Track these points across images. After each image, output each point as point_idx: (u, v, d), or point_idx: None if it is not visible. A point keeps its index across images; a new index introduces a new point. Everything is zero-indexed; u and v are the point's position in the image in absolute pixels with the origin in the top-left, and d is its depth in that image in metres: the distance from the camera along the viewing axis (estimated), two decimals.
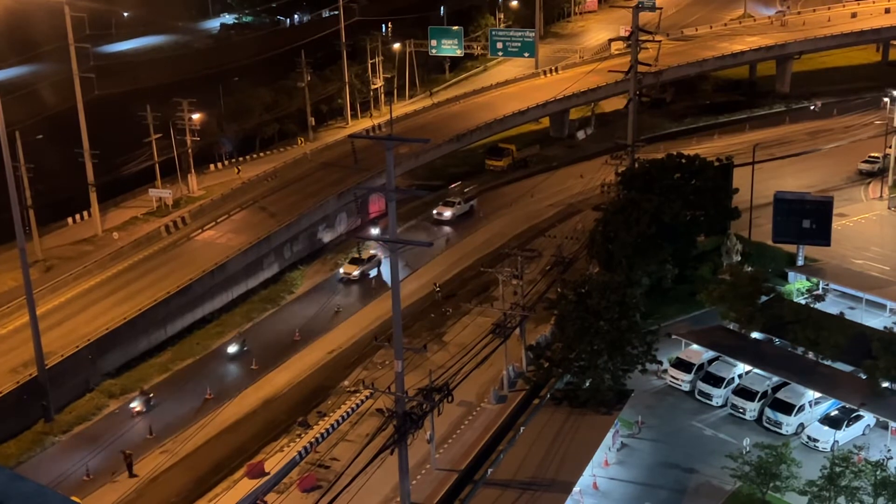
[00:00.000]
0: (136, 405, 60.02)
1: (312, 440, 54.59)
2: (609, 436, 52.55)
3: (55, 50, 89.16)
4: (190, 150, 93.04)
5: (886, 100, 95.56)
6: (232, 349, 66.43)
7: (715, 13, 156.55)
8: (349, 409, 57.35)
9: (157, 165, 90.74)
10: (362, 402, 57.35)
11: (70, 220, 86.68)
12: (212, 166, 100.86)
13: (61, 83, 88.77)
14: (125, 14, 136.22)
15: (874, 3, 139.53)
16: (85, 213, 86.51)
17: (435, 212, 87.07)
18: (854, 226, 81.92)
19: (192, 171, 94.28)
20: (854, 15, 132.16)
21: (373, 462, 41.12)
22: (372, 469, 41.23)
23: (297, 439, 55.06)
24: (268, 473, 51.74)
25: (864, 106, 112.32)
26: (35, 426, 58.34)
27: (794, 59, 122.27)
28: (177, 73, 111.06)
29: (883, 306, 66.75)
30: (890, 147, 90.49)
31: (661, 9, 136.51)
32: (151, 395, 60.83)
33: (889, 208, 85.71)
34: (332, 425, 55.99)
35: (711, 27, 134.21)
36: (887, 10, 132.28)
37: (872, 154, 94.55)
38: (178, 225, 79.76)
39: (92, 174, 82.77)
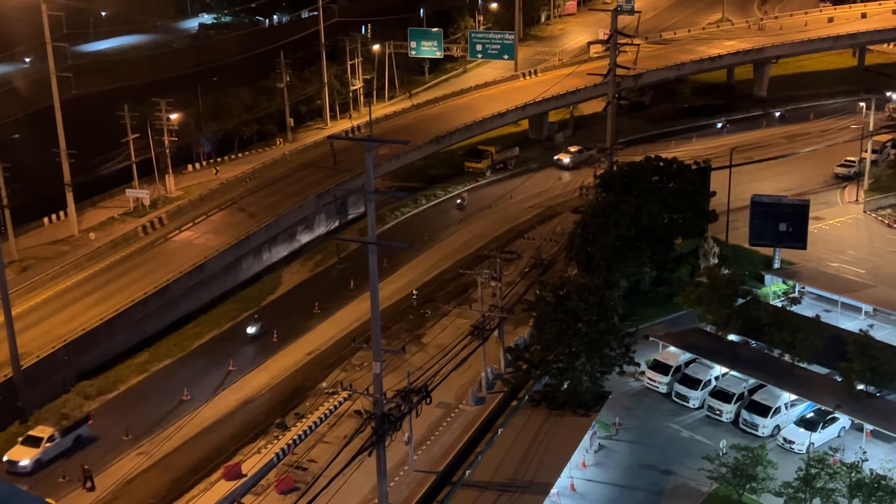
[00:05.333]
0: None
1: (290, 442, 54.47)
2: (587, 437, 52.69)
3: (32, 48, 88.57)
4: (168, 151, 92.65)
5: (862, 104, 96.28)
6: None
7: (693, 17, 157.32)
8: (327, 411, 57.27)
9: (134, 165, 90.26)
10: (340, 403, 57.28)
11: (46, 220, 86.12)
12: (190, 167, 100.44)
13: (38, 82, 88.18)
14: (103, 13, 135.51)
15: (850, 8, 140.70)
16: (61, 213, 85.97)
17: (5, 459, 54.44)
18: (830, 229, 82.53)
19: (170, 171, 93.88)
20: (831, 20, 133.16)
21: (351, 464, 41.09)
22: (350, 471, 41.20)
23: (275, 441, 54.92)
24: (245, 475, 51.59)
25: (840, 110, 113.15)
26: (10, 427, 57.87)
27: (771, 63, 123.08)
28: (155, 72, 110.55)
29: (858, 309, 67.26)
30: (866, 151, 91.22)
31: (639, 12, 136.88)
32: None
33: (865, 212, 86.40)
34: (309, 427, 55.88)
35: (690, 31, 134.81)
36: (864, 16, 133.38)
37: (848, 158, 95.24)
38: (155, 225, 79.37)
39: (68, 174, 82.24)
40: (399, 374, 52.31)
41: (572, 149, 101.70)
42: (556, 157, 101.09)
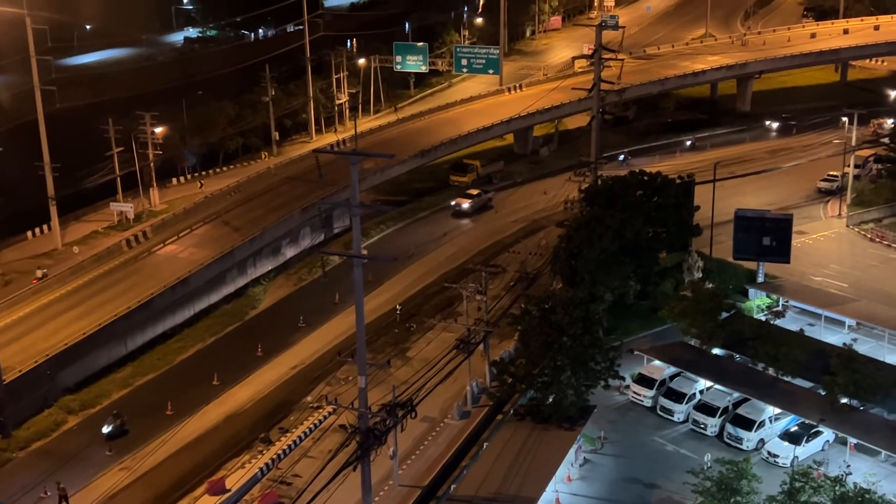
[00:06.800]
0: None
1: (274, 456, 54.24)
2: (572, 451, 52.70)
3: (16, 62, 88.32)
4: (152, 164, 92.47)
5: (844, 119, 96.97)
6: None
7: (677, 32, 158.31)
8: (312, 425, 57.08)
9: (118, 179, 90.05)
10: (325, 417, 57.12)
11: (29, 233, 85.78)
12: (174, 180, 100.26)
13: (22, 95, 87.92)
14: (87, 27, 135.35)
15: (833, 23, 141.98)
16: (45, 227, 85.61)
17: None
18: (813, 243, 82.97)
19: (154, 184, 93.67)
20: (813, 35, 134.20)
21: (335, 478, 40.92)
22: (334, 485, 41.03)
23: (259, 455, 54.68)
24: (229, 490, 51.29)
25: (822, 125, 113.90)
26: None
27: (754, 78, 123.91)
28: (140, 86, 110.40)
29: (841, 323, 67.59)
30: (848, 166, 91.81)
31: (623, 27, 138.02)
32: None
33: (847, 226, 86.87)
34: (294, 441, 55.67)
35: (673, 46, 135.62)
36: (846, 31, 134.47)
37: (831, 173, 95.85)
38: (139, 239, 79.07)
39: (52, 187, 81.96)
40: (384, 388, 52.21)
41: (472, 192, 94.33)
42: (453, 203, 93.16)
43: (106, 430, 58.53)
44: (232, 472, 53.24)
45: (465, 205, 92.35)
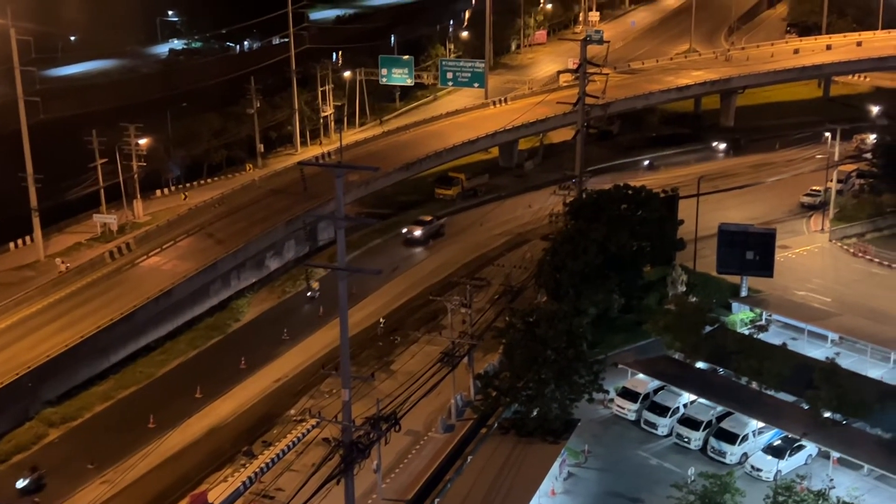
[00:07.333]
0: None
1: (257, 470, 53.96)
2: (556, 465, 52.63)
3: (0, 73, 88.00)
4: (136, 176, 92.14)
5: (827, 134, 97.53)
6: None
7: (661, 47, 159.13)
8: (295, 439, 56.84)
9: (102, 190, 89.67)
10: (308, 431, 56.90)
11: (12, 245, 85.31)
12: (158, 192, 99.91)
13: (5, 106, 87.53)
14: (72, 38, 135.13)
15: (816, 39, 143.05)
16: (27, 238, 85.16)
17: None
18: (796, 258, 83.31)
19: (138, 196, 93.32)
20: (797, 51, 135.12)
21: (318, 492, 40.75)
22: (317, 499, 40.86)
23: (242, 469, 54.39)
24: None
25: (805, 140, 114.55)
26: None
27: (737, 93, 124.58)
28: (124, 97, 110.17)
29: (824, 337, 67.82)
30: (831, 181, 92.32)
31: (608, 42, 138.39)
32: None
33: (830, 241, 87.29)
34: (277, 455, 55.43)
35: (658, 61, 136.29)
36: (829, 47, 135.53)
37: (814, 187, 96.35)
38: (122, 251, 78.73)
39: (35, 199, 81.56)
40: (368, 402, 52.05)
41: (425, 218, 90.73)
42: (404, 230, 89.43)
43: (20, 484, 54.08)
44: (214, 485, 52.91)
45: (417, 232, 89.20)
